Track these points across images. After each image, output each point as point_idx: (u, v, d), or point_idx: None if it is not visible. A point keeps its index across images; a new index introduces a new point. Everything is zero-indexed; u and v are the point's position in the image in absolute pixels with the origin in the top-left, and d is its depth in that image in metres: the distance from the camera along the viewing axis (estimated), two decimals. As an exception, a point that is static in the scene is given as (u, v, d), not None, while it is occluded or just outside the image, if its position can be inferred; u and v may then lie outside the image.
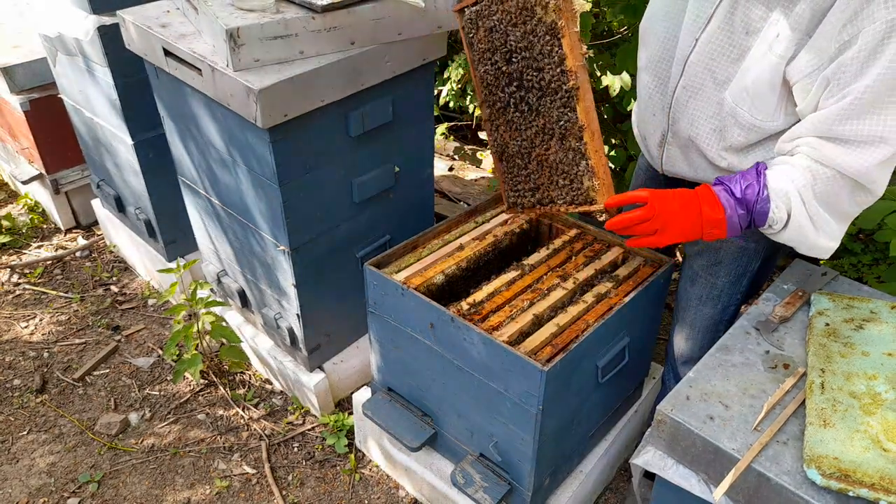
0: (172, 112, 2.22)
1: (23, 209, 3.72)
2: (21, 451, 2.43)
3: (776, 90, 1.43)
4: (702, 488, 1.37)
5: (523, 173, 1.80)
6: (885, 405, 1.32)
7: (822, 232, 1.46)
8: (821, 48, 1.32)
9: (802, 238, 1.46)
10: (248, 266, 2.36)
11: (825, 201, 1.42)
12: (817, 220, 1.44)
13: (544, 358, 1.62)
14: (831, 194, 1.41)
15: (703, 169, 1.68)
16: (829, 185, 1.40)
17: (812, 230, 1.45)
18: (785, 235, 1.48)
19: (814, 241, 1.47)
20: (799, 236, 1.46)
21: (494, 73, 1.73)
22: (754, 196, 1.44)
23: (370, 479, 2.33)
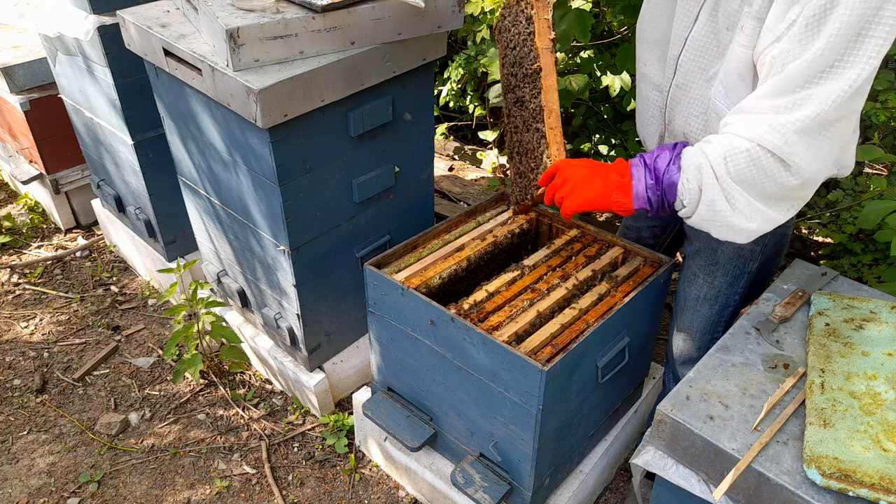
0: (172, 112, 2.22)
1: (23, 209, 3.72)
2: (21, 451, 2.43)
3: (747, 81, 1.42)
4: (702, 488, 1.37)
5: (525, 169, 1.83)
6: (885, 405, 1.32)
7: (740, 212, 1.37)
8: (773, 31, 1.31)
9: (716, 215, 1.39)
10: (248, 266, 2.36)
11: (742, 179, 1.34)
12: (734, 198, 1.36)
13: (544, 358, 1.62)
14: (748, 171, 1.33)
15: None
16: (746, 160, 1.33)
17: (727, 207, 1.37)
18: (698, 214, 1.41)
19: (728, 218, 1.38)
20: (711, 213, 1.39)
21: (506, 76, 1.82)
22: (665, 165, 1.41)
23: (370, 479, 2.33)
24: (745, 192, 1.36)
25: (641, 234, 2.06)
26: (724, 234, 1.43)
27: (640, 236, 2.07)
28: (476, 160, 4.13)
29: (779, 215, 1.39)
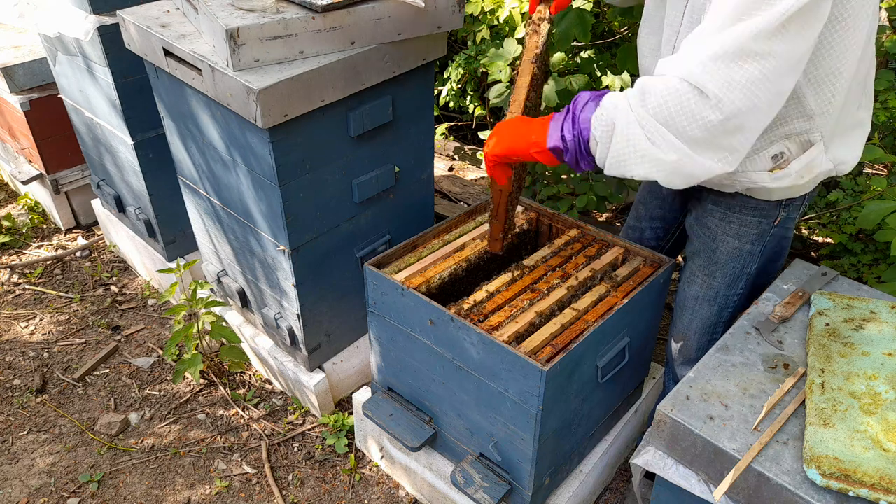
0: (172, 112, 2.22)
1: (23, 209, 3.72)
2: (21, 451, 2.43)
3: None
4: (702, 488, 1.37)
5: None
6: (885, 405, 1.32)
7: (660, 147, 1.29)
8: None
9: (633, 147, 1.31)
10: (248, 266, 2.36)
11: (661, 113, 1.27)
12: (653, 134, 1.29)
13: (544, 358, 1.62)
14: (667, 103, 1.27)
15: None
16: (664, 91, 1.27)
17: (644, 139, 1.29)
18: (613, 150, 1.33)
19: (646, 149, 1.30)
20: (628, 146, 1.31)
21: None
22: (583, 104, 1.37)
23: (370, 479, 2.33)
24: (669, 130, 1.29)
25: (644, 235, 2.06)
26: (643, 168, 1.32)
27: (643, 237, 2.07)
28: (476, 160, 4.13)
29: (706, 161, 1.30)
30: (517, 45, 3.25)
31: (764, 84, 1.23)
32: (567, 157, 1.39)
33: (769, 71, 1.22)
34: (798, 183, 1.54)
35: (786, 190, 1.57)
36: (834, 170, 1.55)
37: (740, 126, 1.26)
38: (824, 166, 1.52)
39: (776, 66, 1.22)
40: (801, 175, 1.52)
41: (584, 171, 1.43)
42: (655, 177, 1.33)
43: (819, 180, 1.60)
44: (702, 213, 1.76)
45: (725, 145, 1.29)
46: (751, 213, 1.66)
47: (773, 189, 1.57)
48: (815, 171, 1.52)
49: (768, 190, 1.57)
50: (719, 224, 1.71)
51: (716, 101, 1.23)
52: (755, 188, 1.59)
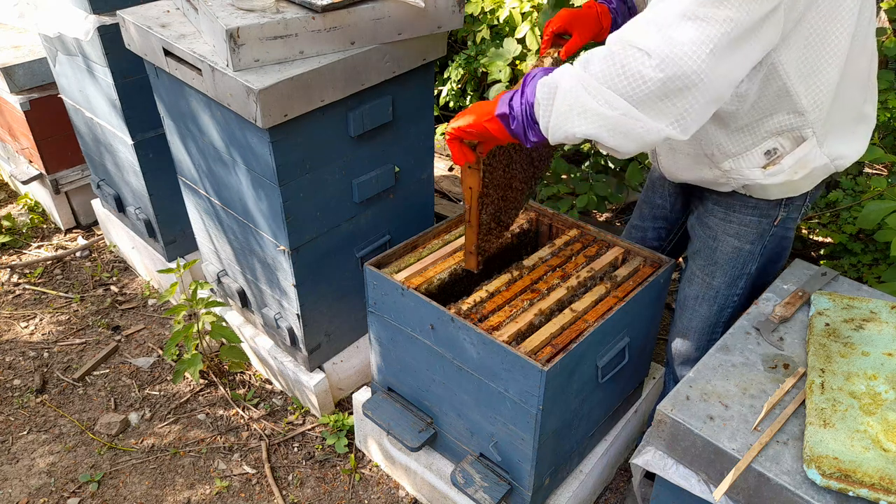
0: (172, 112, 2.22)
1: (23, 209, 3.72)
2: (21, 451, 2.43)
3: None
4: (702, 488, 1.37)
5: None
6: (885, 405, 1.32)
7: (604, 106, 1.27)
8: None
9: (576, 105, 1.29)
10: (248, 266, 2.36)
11: (606, 76, 1.26)
12: (598, 94, 1.27)
13: (544, 358, 1.62)
14: (608, 63, 1.26)
15: (688, 168, 1.69)
16: (607, 53, 1.27)
17: (588, 97, 1.28)
18: (555, 109, 1.32)
19: (590, 105, 1.28)
20: (570, 105, 1.30)
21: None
22: (532, 75, 1.38)
23: (370, 479, 2.33)
24: (614, 92, 1.27)
25: (646, 235, 2.07)
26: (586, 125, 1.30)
27: (645, 237, 2.07)
28: (476, 160, 4.13)
29: (655, 123, 1.28)
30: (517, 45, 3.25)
31: (705, 46, 1.21)
32: (514, 125, 1.39)
33: (711, 34, 1.21)
34: (793, 179, 1.53)
35: (783, 187, 1.57)
36: (831, 165, 1.54)
37: (683, 88, 1.24)
38: (819, 161, 1.51)
39: (720, 32, 1.21)
40: (794, 171, 1.52)
41: (535, 146, 1.43)
42: (601, 136, 1.30)
43: (818, 178, 1.59)
44: (703, 212, 1.76)
45: (673, 110, 1.27)
46: (750, 213, 1.66)
47: (768, 186, 1.56)
48: (810, 167, 1.52)
49: (764, 187, 1.57)
50: (719, 224, 1.72)
51: (658, 61, 1.22)
52: (751, 185, 1.59)
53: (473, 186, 1.67)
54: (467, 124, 1.46)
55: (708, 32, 1.21)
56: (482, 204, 1.71)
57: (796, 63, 1.37)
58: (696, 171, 1.66)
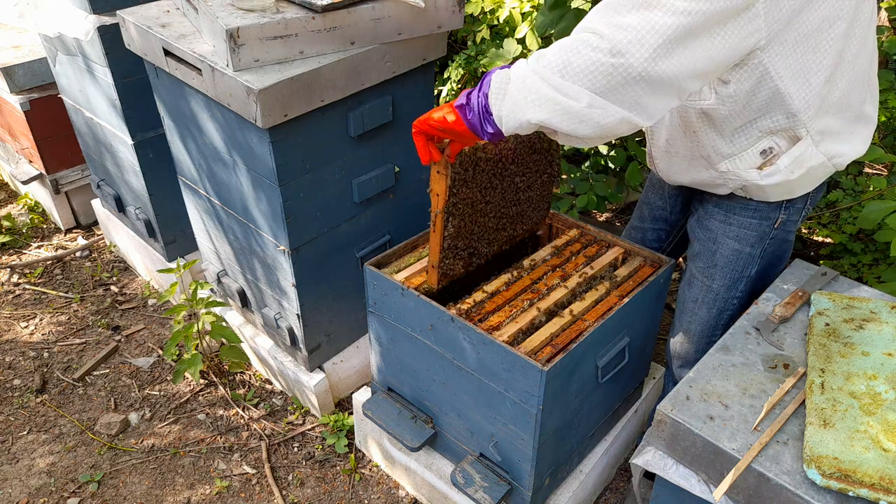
0: (172, 112, 2.22)
1: (23, 209, 3.72)
2: (21, 451, 2.43)
3: None
4: (702, 488, 1.37)
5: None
6: (885, 405, 1.32)
7: (559, 91, 1.28)
8: None
9: (529, 92, 1.30)
10: (248, 266, 2.36)
11: (560, 63, 1.27)
12: (551, 80, 1.28)
13: (544, 358, 1.62)
14: (566, 54, 1.27)
15: (684, 171, 1.69)
16: (562, 46, 1.28)
17: (541, 83, 1.29)
18: (508, 98, 1.33)
19: (543, 91, 1.29)
20: (523, 93, 1.31)
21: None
22: (491, 71, 1.39)
23: (370, 479, 2.33)
24: (568, 79, 1.27)
25: (646, 236, 2.06)
26: (540, 111, 1.31)
27: (645, 238, 2.07)
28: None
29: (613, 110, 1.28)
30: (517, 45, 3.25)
31: (653, 36, 1.22)
32: (470, 115, 1.39)
33: (664, 24, 1.21)
34: (790, 179, 1.52)
35: (781, 188, 1.56)
36: (829, 164, 1.53)
37: (630, 78, 1.24)
38: (815, 160, 1.50)
39: (674, 23, 1.21)
40: (791, 171, 1.51)
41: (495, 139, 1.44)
42: (554, 122, 1.30)
43: (818, 178, 1.58)
44: (703, 215, 1.76)
45: (626, 97, 1.27)
46: (751, 216, 1.66)
47: (766, 188, 1.56)
48: (806, 166, 1.51)
49: (762, 188, 1.57)
50: (719, 226, 1.71)
51: (609, 45, 1.23)
52: (749, 187, 1.58)
53: (440, 193, 1.67)
54: (431, 117, 1.47)
55: (660, 22, 1.22)
56: (448, 214, 1.70)
57: (789, 66, 1.37)
58: (692, 173, 1.66)
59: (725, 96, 1.43)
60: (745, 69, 1.37)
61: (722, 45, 1.27)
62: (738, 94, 1.41)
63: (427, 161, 1.56)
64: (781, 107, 1.42)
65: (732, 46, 1.28)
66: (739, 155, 1.53)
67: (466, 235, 1.78)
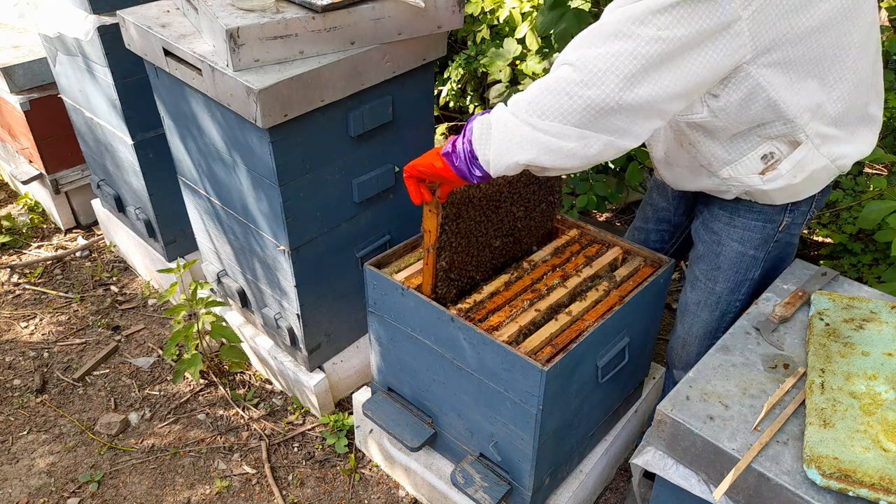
0: (172, 112, 2.22)
1: (23, 209, 3.72)
2: (21, 451, 2.43)
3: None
4: (702, 488, 1.37)
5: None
6: (885, 405, 1.32)
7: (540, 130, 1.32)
8: None
9: (512, 135, 1.34)
10: (248, 266, 2.36)
11: (538, 102, 1.31)
12: (531, 120, 1.32)
13: (544, 358, 1.62)
14: (543, 91, 1.31)
15: (688, 179, 1.69)
16: (539, 84, 1.32)
17: (522, 126, 1.33)
18: (493, 142, 1.36)
19: (525, 133, 1.33)
20: (507, 136, 1.34)
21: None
22: (474, 118, 1.42)
23: (370, 479, 2.33)
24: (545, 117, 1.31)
25: (649, 237, 2.06)
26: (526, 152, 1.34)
27: (648, 239, 2.06)
28: (476, 160, 4.13)
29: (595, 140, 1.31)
30: (517, 45, 3.25)
31: (623, 65, 1.24)
32: (457, 162, 1.43)
33: (634, 53, 1.24)
34: (792, 182, 1.52)
35: (785, 192, 1.56)
36: (832, 166, 1.52)
37: (605, 108, 1.27)
38: (818, 163, 1.49)
39: (645, 52, 1.23)
40: (794, 175, 1.50)
41: (484, 181, 1.49)
42: (542, 161, 1.34)
43: (822, 181, 1.57)
44: (709, 217, 1.75)
45: (606, 126, 1.30)
46: (755, 218, 1.65)
47: (769, 192, 1.55)
48: (809, 170, 1.50)
49: (766, 193, 1.56)
50: (724, 228, 1.71)
51: (581, 76, 1.26)
52: (752, 192, 1.58)
53: (431, 230, 1.70)
54: (420, 162, 1.51)
55: (631, 51, 1.25)
56: (440, 249, 1.72)
57: (781, 75, 1.35)
58: (696, 181, 1.67)
59: (717, 109, 1.42)
60: (733, 82, 1.36)
61: (702, 66, 1.28)
62: (730, 105, 1.40)
63: (418, 202, 1.60)
64: (777, 114, 1.41)
65: (714, 66, 1.29)
66: (740, 161, 1.52)
67: (459, 266, 1.81)
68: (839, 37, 1.35)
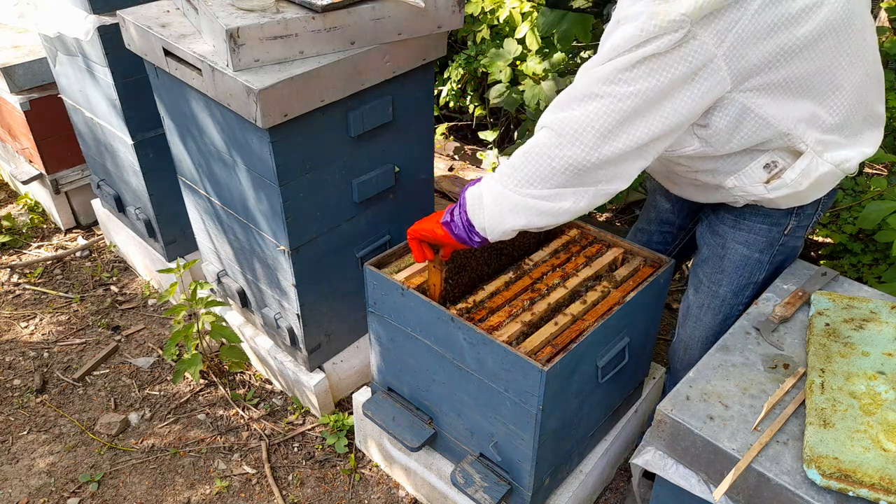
0: (172, 112, 2.22)
1: (23, 209, 3.72)
2: (21, 451, 2.43)
3: None
4: (702, 488, 1.37)
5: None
6: (885, 405, 1.32)
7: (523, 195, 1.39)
8: None
9: (504, 204, 1.41)
10: (248, 266, 2.36)
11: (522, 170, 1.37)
12: (515, 186, 1.39)
13: (544, 358, 1.62)
14: (526, 158, 1.37)
15: (696, 193, 1.69)
16: (521, 151, 1.38)
17: (511, 194, 1.39)
18: (487, 211, 1.44)
19: (515, 201, 1.39)
20: (499, 205, 1.42)
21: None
22: (467, 187, 1.49)
23: (370, 479, 2.33)
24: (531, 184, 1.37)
25: (652, 239, 2.06)
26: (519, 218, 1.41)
27: (651, 240, 2.06)
28: (476, 160, 4.13)
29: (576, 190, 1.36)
30: (517, 45, 3.25)
31: (594, 125, 1.29)
32: (456, 230, 1.52)
33: (605, 111, 1.29)
34: (798, 190, 1.50)
35: (791, 198, 1.54)
36: (837, 170, 1.49)
37: (583, 167, 1.33)
38: (822, 169, 1.47)
39: (617, 109, 1.28)
40: (798, 183, 1.48)
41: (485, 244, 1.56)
42: (536, 223, 1.42)
43: (828, 185, 1.55)
44: (714, 220, 1.75)
45: (590, 179, 1.36)
46: (761, 221, 1.65)
47: (774, 199, 1.55)
48: (813, 177, 1.48)
49: (771, 200, 1.56)
50: (729, 231, 1.70)
51: (558, 140, 1.32)
52: (760, 199, 1.57)
53: (436, 284, 1.79)
54: (423, 228, 1.62)
55: (601, 110, 1.29)
56: (445, 293, 1.82)
57: (769, 94, 1.35)
58: (704, 195, 1.67)
59: (708, 136, 1.43)
60: (719, 109, 1.36)
61: (682, 106, 1.30)
62: (720, 131, 1.40)
63: (422, 260, 1.70)
64: (772, 130, 1.40)
65: (694, 104, 1.31)
66: (743, 171, 1.51)
67: (463, 286, 1.88)
68: (826, 55, 1.34)
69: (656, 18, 1.21)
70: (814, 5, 1.28)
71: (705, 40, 1.23)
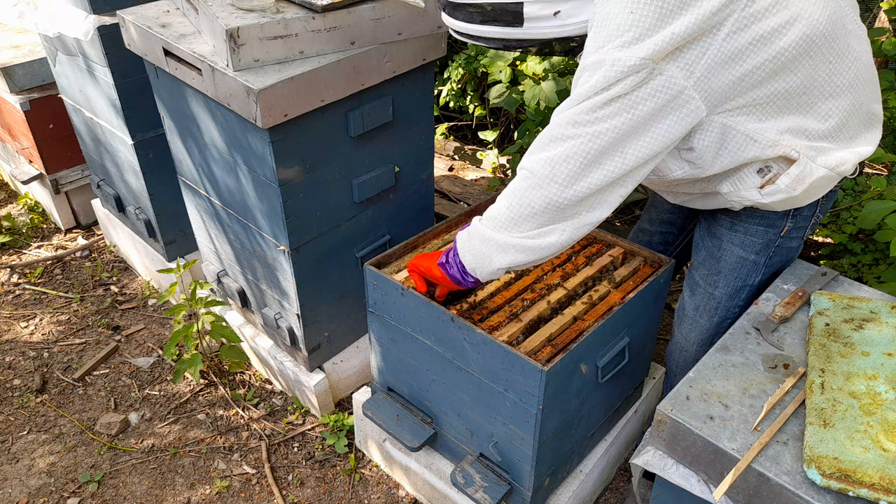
0: (172, 112, 2.22)
1: (23, 209, 3.72)
2: (21, 451, 2.43)
3: None
4: (702, 488, 1.37)
5: None
6: (885, 405, 1.32)
7: (509, 235, 1.44)
8: None
9: (488, 243, 1.47)
10: (248, 266, 2.36)
11: (505, 218, 1.43)
12: (504, 230, 1.44)
13: (544, 358, 1.62)
14: (509, 201, 1.42)
15: (693, 201, 1.70)
16: (502, 197, 1.44)
17: (493, 233, 1.46)
18: (472, 252, 1.51)
19: (499, 240, 1.45)
20: (484, 245, 1.48)
21: None
22: (460, 231, 1.58)
23: (370, 479, 2.33)
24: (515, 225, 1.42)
25: (653, 239, 2.06)
26: (505, 257, 1.46)
27: (652, 241, 2.06)
28: (476, 160, 4.13)
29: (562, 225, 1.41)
30: (517, 45, 3.24)
31: (564, 166, 1.33)
32: (451, 271, 1.60)
33: (575, 152, 1.31)
34: (793, 195, 1.49)
35: (786, 202, 1.54)
36: (833, 174, 1.47)
37: (570, 201, 1.36)
38: (817, 173, 1.45)
39: (587, 148, 1.31)
40: (792, 188, 1.47)
41: (478, 285, 1.67)
42: (525, 261, 1.46)
43: (824, 188, 1.54)
44: (711, 221, 1.75)
45: (576, 213, 1.39)
46: (757, 223, 1.64)
47: (770, 203, 1.54)
48: (808, 181, 1.46)
49: (766, 204, 1.55)
50: (726, 233, 1.70)
51: (534, 181, 1.36)
52: (755, 203, 1.57)
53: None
54: (422, 265, 1.69)
55: (572, 150, 1.32)
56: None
57: (749, 111, 1.35)
58: (703, 202, 1.67)
59: (695, 158, 1.43)
60: (699, 132, 1.37)
61: (656, 138, 1.32)
62: (707, 149, 1.40)
63: (424, 291, 1.75)
64: (759, 143, 1.39)
65: (668, 134, 1.32)
66: (737, 175, 1.50)
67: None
68: (807, 69, 1.34)
69: (618, 65, 1.24)
70: (786, 23, 1.27)
71: (673, 74, 1.25)
